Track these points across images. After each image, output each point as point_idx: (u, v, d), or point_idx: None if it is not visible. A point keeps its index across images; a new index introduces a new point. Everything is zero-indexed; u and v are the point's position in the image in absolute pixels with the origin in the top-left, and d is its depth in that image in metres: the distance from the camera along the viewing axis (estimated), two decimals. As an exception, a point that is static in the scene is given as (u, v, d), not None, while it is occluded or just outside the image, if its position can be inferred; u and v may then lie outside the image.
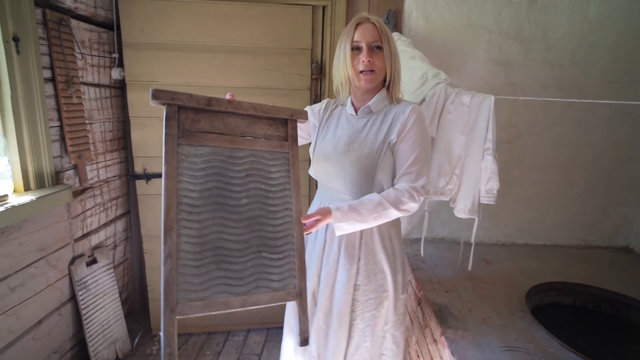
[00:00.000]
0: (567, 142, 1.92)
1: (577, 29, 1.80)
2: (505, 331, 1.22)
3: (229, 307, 0.89)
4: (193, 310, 0.85)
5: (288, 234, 1.00)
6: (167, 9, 1.75)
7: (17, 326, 1.46)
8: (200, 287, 0.87)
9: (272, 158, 1.02)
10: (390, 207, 1.06)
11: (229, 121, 0.97)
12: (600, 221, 2.02)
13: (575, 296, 1.50)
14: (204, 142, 0.93)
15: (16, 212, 1.31)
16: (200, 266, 0.88)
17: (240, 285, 0.92)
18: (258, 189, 0.99)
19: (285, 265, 0.98)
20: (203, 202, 0.91)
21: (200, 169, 0.92)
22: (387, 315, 1.22)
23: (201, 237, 0.90)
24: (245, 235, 0.95)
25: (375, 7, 1.85)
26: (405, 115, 1.11)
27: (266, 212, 0.99)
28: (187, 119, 0.92)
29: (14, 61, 1.33)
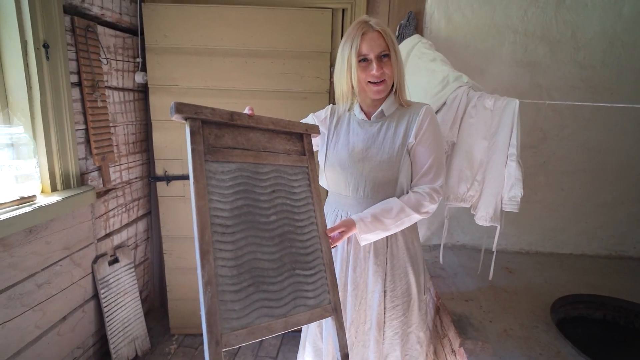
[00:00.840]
0: (596, 146, 1.83)
1: (609, 28, 1.71)
2: (528, 344, 1.17)
3: (272, 332, 0.85)
4: (238, 340, 0.80)
5: (316, 248, 0.98)
6: (189, 15, 1.78)
7: (43, 321, 1.52)
8: (242, 313, 0.82)
9: (294, 173, 1.01)
10: (412, 212, 1.07)
11: (251, 136, 0.95)
12: (632, 230, 1.92)
13: (606, 310, 1.42)
14: (229, 158, 0.90)
15: (44, 212, 1.36)
16: (240, 291, 0.83)
17: (280, 307, 0.88)
18: (284, 205, 0.97)
19: (318, 281, 0.96)
20: (234, 221, 0.87)
21: (229, 187, 0.88)
22: (412, 317, 1.21)
23: (237, 260, 0.85)
24: (278, 253, 0.92)
25: (396, 9, 1.82)
26: (421, 117, 1.11)
27: (294, 227, 0.97)
28: (211, 135, 0.88)
29: (43, 67, 1.38)
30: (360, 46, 1.05)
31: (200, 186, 0.83)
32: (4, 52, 1.35)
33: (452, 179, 1.34)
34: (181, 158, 1.93)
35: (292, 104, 1.88)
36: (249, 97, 1.87)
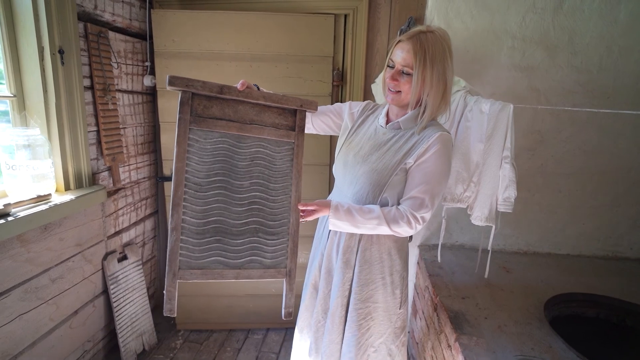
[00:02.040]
0: (593, 149, 1.87)
1: (606, 34, 1.75)
2: (521, 340, 1.22)
3: (224, 278, 1.02)
4: (192, 276, 1.00)
5: (284, 218, 1.09)
6: (196, 20, 1.84)
7: (56, 315, 1.59)
8: (199, 256, 1.01)
9: (278, 145, 1.09)
10: (385, 224, 1.08)
11: (239, 109, 1.05)
12: (629, 232, 1.95)
13: (599, 308, 1.46)
14: (214, 128, 1.02)
15: (58, 210, 1.43)
16: (201, 239, 1.01)
17: (236, 260, 1.04)
18: (261, 174, 1.08)
19: (279, 246, 1.09)
20: (208, 181, 1.02)
21: (209, 152, 1.02)
22: (380, 328, 1.23)
23: (204, 213, 1.01)
24: (244, 214, 1.06)
25: (396, 15, 1.87)
26: (429, 142, 1.08)
27: (267, 195, 1.08)
28: (200, 105, 1.00)
29: (59, 72, 1.45)
30: (393, 51, 1.09)
31: (180, 150, 0.99)
32: (22, 58, 1.42)
33: (450, 180, 1.39)
34: (188, 159, 2.00)
35: (296, 107, 1.93)
36: (253, 100, 1.93)
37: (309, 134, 1.24)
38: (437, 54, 1.05)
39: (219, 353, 2.07)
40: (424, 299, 1.80)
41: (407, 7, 1.86)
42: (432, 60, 1.04)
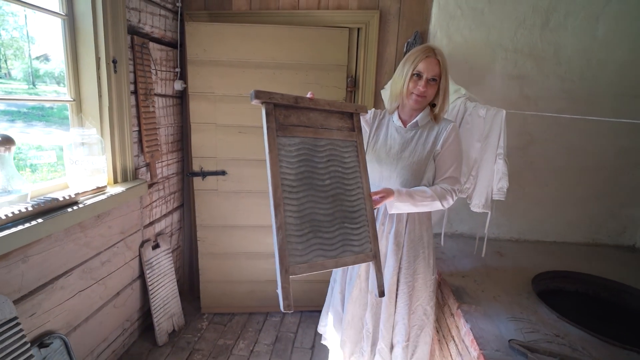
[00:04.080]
0: (576, 148, 2.12)
1: (586, 47, 2.00)
2: (511, 306, 1.46)
3: (326, 268, 1.11)
4: (301, 270, 1.05)
5: (361, 207, 1.21)
6: (225, 32, 2.06)
7: (105, 294, 1.79)
8: (303, 252, 1.08)
9: (345, 145, 1.23)
10: (437, 200, 1.33)
11: (311, 116, 1.18)
12: (607, 221, 2.20)
13: (579, 284, 1.71)
14: (295, 134, 1.13)
15: (112, 200, 1.63)
16: (302, 235, 1.09)
17: (332, 250, 1.14)
18: (336, 172, 1.20)
19: (362, 234, 1.20)
20: (298, 183, 1.11)
21: (294, 156, 1.13)
22: (420, 293, 1.48)
23: (300, 212, 1.10)
24: (331, 209, 1.16)
25: (404, 28, 2.10)
26: (448, 131, 1.36)
27: (344, 190, 1.20)
28: (281, 115, 1.12)
29: (112, 79, 1.66)
30: (420, 64, 1.31)
31: (273, 155, 1.07)
32: (81, 67, 1.63)
33: (451, 174, 1.63)
34: (215, 156, 2.21)
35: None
36: (275, 103, 2.15)
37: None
38: (447, 65, 1.34)
39: (242, 333, 2.28)
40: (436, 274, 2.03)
41: (413, 23, 2.09)
42: (446, 70, 1.34)
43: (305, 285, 2.37)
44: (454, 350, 1.48)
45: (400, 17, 2.10)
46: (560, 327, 1.33)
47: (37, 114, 1.76)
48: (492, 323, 1.35)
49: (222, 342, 2.19)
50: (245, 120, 2.17)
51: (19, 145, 1.40)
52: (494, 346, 1.23)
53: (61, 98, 1.67)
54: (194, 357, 2.04)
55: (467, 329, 1.34)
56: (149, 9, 1.93)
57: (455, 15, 2.02)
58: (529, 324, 1.35)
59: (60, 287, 1.50)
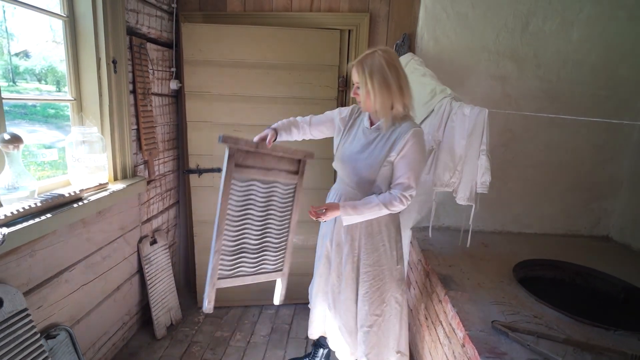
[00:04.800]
0: (554, 145, 2.25)
1: (562, 50, 2.13)
2: (494, 292, 1.57)
3: (244, 282, 1.45)
4: (225, 283, 1.39)
5: (284, 238, 1.53)
6: (220, 33, 2.11)
7: (106, 288, 1.84)
8: (230, 270, 1.39)
9: (286, 185, 1.47)
10: (384, 207, 1.43)
11: (265, 159, 1.39)
12: (583, 213, 2.35)
13: (556, 271, 1.83)
14: (248, 174, 1.34)
15: (114, 197, 1.68)
16: (232, 257, 1.39)
17: (252, 268, 1.46)
18: (272, 207, 1.45)
19: (279, 257, 1.53)
20: (240, 215, 1.37)
21: (242, 193, 1.36)
22: (388, 284, 1.59)
23: (235, 239, 1.39)
24: (260, 238, 1.46)
25: (392, 31, 2.20)
26: (406, 138, 1.41)
27: (275, 223, 1.48)
28: (240, 157, 1.31)
29: (112, 79, 1.71)
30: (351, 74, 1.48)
31: (225, 193, 1.30)
32: (81, 68, 1.67)
33: (438, 169, 1.73)
34: (211, 154, 2.27)
35: (305, 109, 2.23)
36: (269, 102, 2.22)
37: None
38: (374, 69, 1.38)
39: (238, 325, 2.36)
40: (417, 270, 2.14)
41: (401, 25, 2.18)
42: (370, 74, 1.38)
43: (298, 279, 2.44)
44: (441, 334, 1.59)
45: (389, 19, 2.19)
46: (538, 309, 1.45)
47: (20, 112, 1.78)
48: (476, 307, 1.46)
49: (219, 334, 2.26)
50: (240, 118, 2.23)
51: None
52: (479, 327, 1.33)
53: (62, 97, 1.71)
54: (192, 349, 2.11)
55: (454, 313, 1.44)
56: (146, 10, 1.98)
57: (441, 18, 2.12)
58: (510, 307, 1.46)
59: (64, 280, 1.55)
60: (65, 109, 1.85)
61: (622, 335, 1.28)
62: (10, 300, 1.22)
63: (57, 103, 1.84)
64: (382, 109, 1.43)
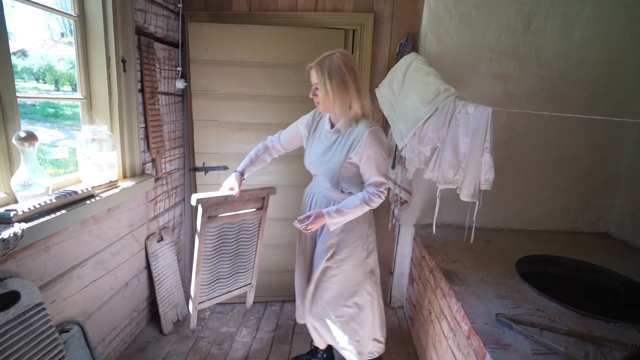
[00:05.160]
0: (555, 143, 2.29)
1: (564, 50, 2.16)
2: (498, 286, 1.61)
3: (219, 300, 1.82)
4: (205, 304, 1.76)
5: (251, 260, 1.88)
6: (227, 33, 2.14)
7: (115, 284, 1.87)
8: (208, 294, 1.77)
9: (252, 220, 1.78)
10: (365, 205, 1.49)
11: (234, 205, 1.65)
12: (583, 210, 2.39)
13: (557, 267, 1.87)
14: (219, 221, 1.64)
15: (124, 194, 1.71)
16: (209, 286, 1.76)
17: (226, 287, 1.83)
18: (242, 239, 1.78)
19: (247, 275, 1.90)
20: (214, 252, 1.70)
21: (215, 235, 1.67)
22: (359, 277, 1.64)
23: (211, 271, 1.73)
24: (232, 266, 1.81)
25: (396, 31, 2.23)
26: (363, 140, 1.45)
27: (243, 251, 1.82)
28: (212, 209, 1.58)
29: (121, 78, 1.73)
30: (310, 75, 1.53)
31: (201, 240, 1.60)
32: (91, 67, 1.69)
33: (443, 167, 1.76)
34: (217, 152, 2.29)
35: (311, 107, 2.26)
36: (275, 101, 2.25)
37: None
38: (332, 70, 1.43)
39: (244, 321, 2.39)
40: (420, 266, 2.18)
41: (405, 25, 2.21)
42: (329, 75, 1.43)
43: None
44: (446, 328, 1.63)
45: (393, 19, 2.22)
46: (541, 302, 1.49)
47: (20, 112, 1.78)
48: (480, 301, 1.50)
49: (226, 330, 2.29)
50: (246, 117, 2.26)
51: None
52: (483, 320, 1.37)
53: (73, 96, 1.73)
54: (199, 344, 2.14)
55: (459, 307, 1.48)
56: (153, 9, 2.00)
57: (444, 18, 2.15)
58: (513, 301, 1.50)
59: (76, 276, 1.57)
60: (65, 108, 1.87)
61: (622, 327, 1.32)
62: (27, 294, 1.25)
63: (57, 102, 1.87)
64: (341, 110, 1.48)
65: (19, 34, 1.65)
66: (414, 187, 2.36)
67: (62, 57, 2.12)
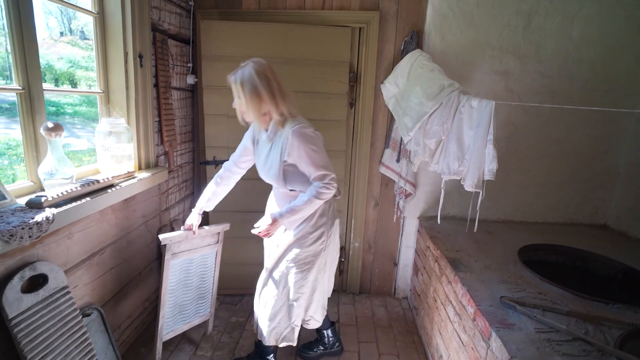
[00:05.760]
0: (555, 138, 2.36)
1: (563, 47, 2.24)
2: (501, 272, 1.67)
3: (182, 330, 1.98)
4: (168, 335, 1.90)
5: (209, 289, 2.06)
6: (237, 30, 2.20)
7: (130, 273, 1.93)
8: (172, 324, 1.92)
9: (210, 254, 1.98)
10: (315, 200, 1.54)
11: (193, 241, 1.85)
12: (582, 203, 2.46)
13: (558, 255, 1.94)
14: (181, 257, 1.83)
15: (141, 184, 1.77)
16: (173, 316, 1.92)
17: (188, 318, 2.00)
18: (200, 270, 1.97)
19: (206, 305, 2.08)
20: (177, 285, 1.88)
21: (178, 270, 1.86)
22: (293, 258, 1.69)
23: (175, 304, 1.90)
24: (192, 296, 1.98)
25: (401, 28, 2.30)
26: (289, 141, 1.50)
27: (202, 282, 2.01)
28: (174, 247, 1.77)
29: (137, 73, 1.79)
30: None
31: (165, 276, 1.77)
32: (110, 62, 1.75)
33: (448, 159, 1.82)
34: (227, 146, 2.36)
35: (318, 103, 2.33)
36: (283, 96, 2.31)
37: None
38: (245, 80, 1.48)
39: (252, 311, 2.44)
40: (425, 256, 2.25)
41: (410, 23, 2.28)
42: (242, 85, 1.49)
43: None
44: (451, 312, 1.69)
45: (398, 17, 2.29)
46: (542, 287, 1.56)
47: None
48: (485, 286, 1.56)
49: (235, 320, 2.35)
50: (255, 112, 2.32)
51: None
52: (488, 303, 1.43)
53: (92, 90, 1.79)
54: (210, 333, 2.20)
55: (464, 291, 1.55)
56: (167, 7, 2.06)
57: (447, 16, 2.22)
58: (516, 285, 1.57)
59: (96, 263, 1.64)
60: (66, 106, 1.93)
61: (619, 308, 1.39)
62: (55, 278, 1.31)
63: (58, 101, 1.92)
64: (255, 117, 1.54)
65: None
66: (419, 180, 2.42)
67: (62, 56, 2.16)
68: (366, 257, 2.67)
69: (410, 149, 2.19)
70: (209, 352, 2.05)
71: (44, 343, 1.23)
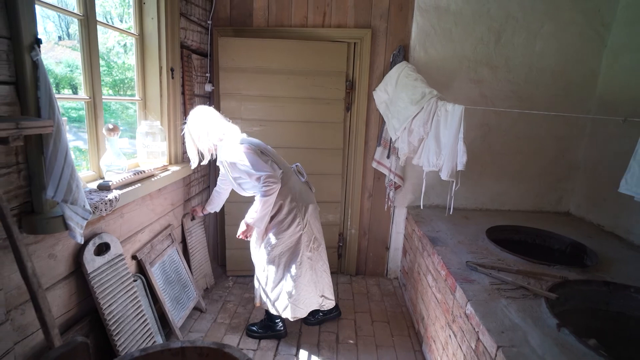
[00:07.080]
0: (523, 136, 2.73)
1: (528, 59, 2.62)
2: (471, 246, 2.04)
3: (186, 315, 2.27)
4: (180, 322, 2.20)
5: (187, 280, 2.37)
6: (249, 45, 2.57)
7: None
8: (178, 314, 2.20)
9: (172, 252, 2.30)
10: (264, 197, 1.92)
11: (156, 249, 2.14)
12: (547, 193, 2.84)
13: (520, 234, 2.31)
14: (155, 263, 2.10)
15: (172, 176, 2.13)
16: (176, 308, 2.21)
17: (185, 305, 2.29)
18: (172, 267, 2.27)
19: (191, 292, 2.39)
20: (165, 284, 2.15)
21: (160, 273, 2.13)
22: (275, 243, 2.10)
23: (171, 298, 2.18)
24: (179, 288, 2.28)
25: (390, 43, 2.67)
26: (223, 164, 2.02)
27: (178, 276, 2.31)
28: (147, 257, 2.02)
29: (169, 83, 2.16)
30: None
31: (153, 280, 2.02)
32: (147, 74, 2.12)
33: (428, 154, 2.19)
34: (240, 145, 2.72)
35: (319, 107, 2.70)
36: (290, 102, 2.68)
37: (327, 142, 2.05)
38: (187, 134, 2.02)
39: (262, 289, 2.80)
40: (412, 239, 2.61)
41: (398, 39, 2.66)
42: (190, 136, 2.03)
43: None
44: (430, 279, 2.06)
45: (388, 34, 2.66)
46: (502, 255, 1.93)
47: None
48: (456, 256, 1.93)
49: (247, 296, 2.71)
50: (265, 115, 2.69)
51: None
52: (457, 267, 1.80)
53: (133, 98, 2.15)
54: (227, 306, 2.55)
55: (439, 260, 1.92)
56: (191, 27, 2.43)
57: (430, 33, 2.60)
58: (481, 254, 1.94)
59: (138, 240, 1.99)
60: (71, 110, 2.28)
61: (559, 269, 1.76)
62: (114, 246, 1.67)
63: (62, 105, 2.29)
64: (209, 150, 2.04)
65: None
66: (407, 174, 2.79)
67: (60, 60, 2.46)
68: (361, 242, 3.03)
69: (397, 146, 2.56)
70: (227, 320, 2.41)
71: (110, 295, 1.59)
